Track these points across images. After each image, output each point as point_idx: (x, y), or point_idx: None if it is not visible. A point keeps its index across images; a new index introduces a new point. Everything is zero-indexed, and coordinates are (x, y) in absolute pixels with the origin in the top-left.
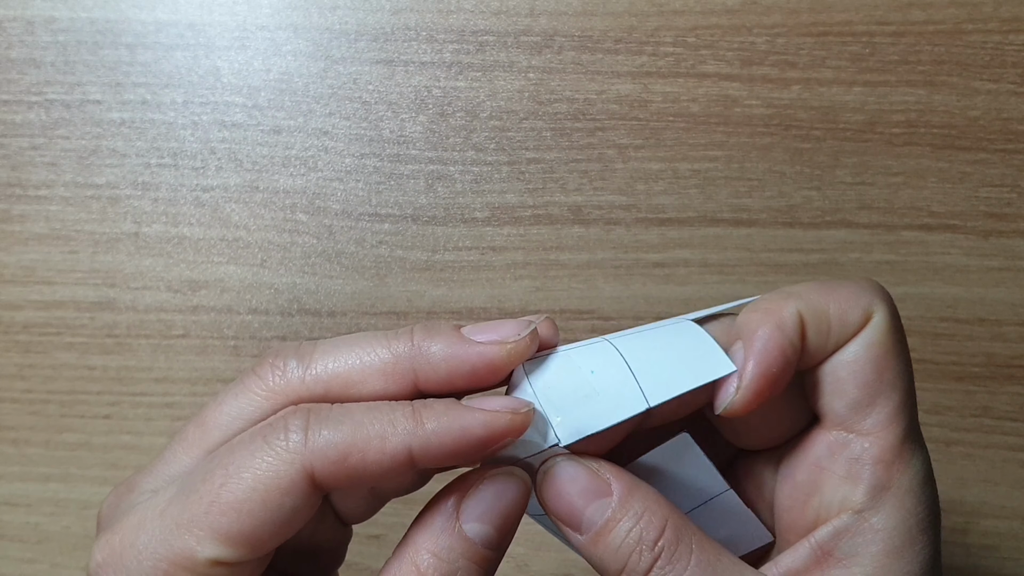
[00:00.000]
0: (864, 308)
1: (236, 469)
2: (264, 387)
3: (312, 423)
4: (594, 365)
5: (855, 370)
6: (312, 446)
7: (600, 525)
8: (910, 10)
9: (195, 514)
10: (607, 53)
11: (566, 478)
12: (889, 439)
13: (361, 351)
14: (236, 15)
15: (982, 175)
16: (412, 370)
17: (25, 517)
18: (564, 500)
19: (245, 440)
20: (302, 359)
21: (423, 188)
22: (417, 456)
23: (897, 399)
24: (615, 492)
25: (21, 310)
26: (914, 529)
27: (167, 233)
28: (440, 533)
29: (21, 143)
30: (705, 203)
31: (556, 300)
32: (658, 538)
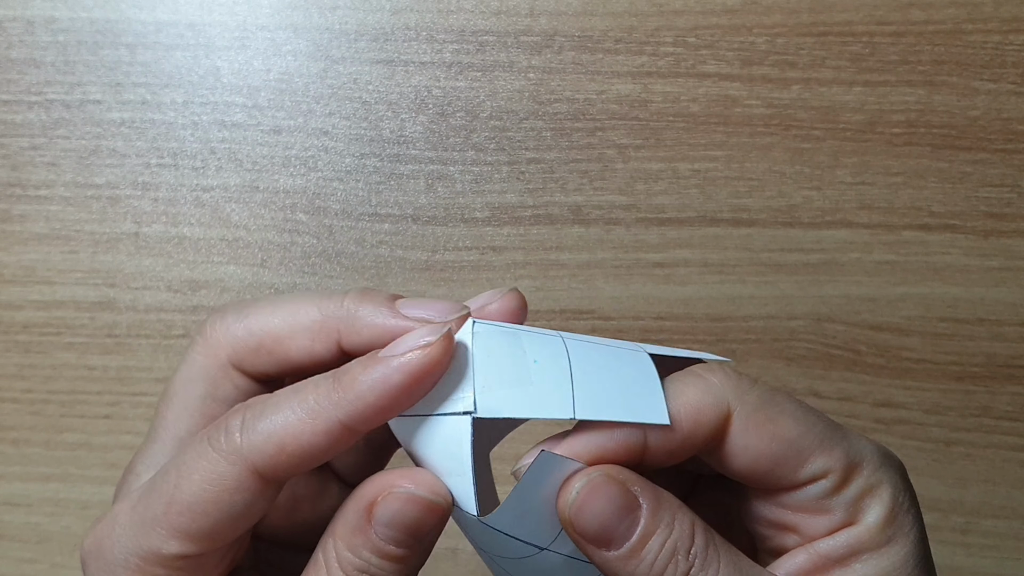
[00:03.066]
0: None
1: (187, 471)
2: (203, 344)
3: (247, 419)
4: (539, 356)
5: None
6: (249, 443)
7: (635, 540)
8: (910, 10)
9: (156, 513)
10: (607, 53)
11: (601, 497)
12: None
13: (295, 308)
14: (236, 15)
15: (982, 175)
16: (337, 330)
17: (25, 517)
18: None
19: (195, 441)
20: (240, 313)
21: (423, 188)
22: (351, 425)
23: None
24: (644, 504)
25: (21, 310)
26: (900, 512)
27: (167, 233)
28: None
29: (21, 143)
30: (705, 203)
31: (556, 300)
32: (691, 545)
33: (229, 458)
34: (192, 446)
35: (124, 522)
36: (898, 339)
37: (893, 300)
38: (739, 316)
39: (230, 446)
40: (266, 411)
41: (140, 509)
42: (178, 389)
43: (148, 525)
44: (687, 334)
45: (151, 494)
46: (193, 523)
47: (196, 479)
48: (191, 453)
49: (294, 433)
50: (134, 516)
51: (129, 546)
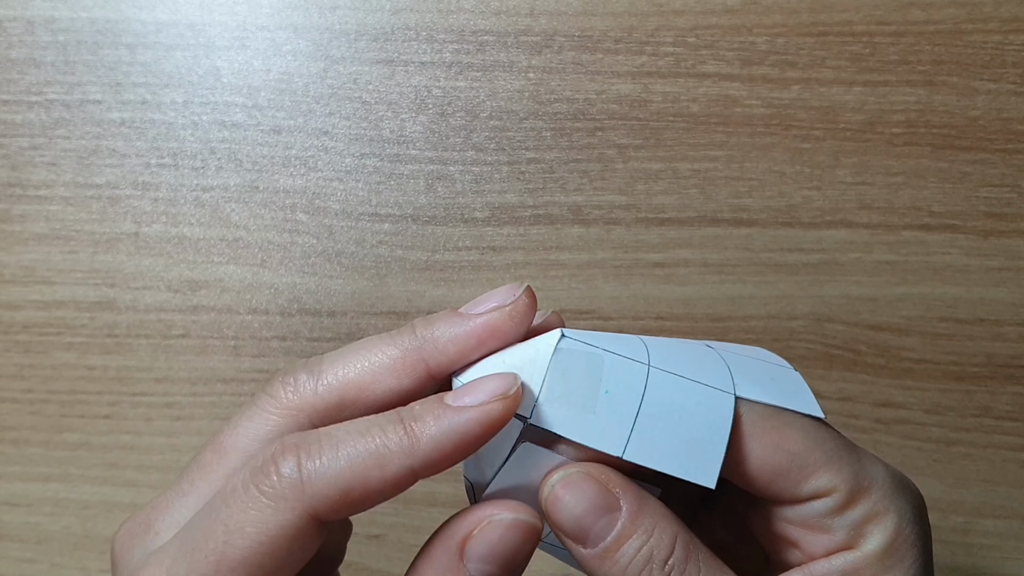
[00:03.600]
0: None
1: (237, 524)
2: (278, 404)
3: (304, 462)
4: (613, 387)
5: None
6: (311, 489)
7: (610, 541)
8: (910, 10)
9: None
10: (607, 53)
11: (576, 492)
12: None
13: (369, 353)
14: (236, 15)
15: (982, 175)
16: (422, 360)
17: (25, 517)
18: (572, 514)
19: (239, 489)
20: (312, 371)
21: (423, 188)
22: (420, 473)
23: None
24: (624, 507)
25: (21, 310)
26: (904, 544)
27: (167, 233)
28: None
29: (21, 143)
30: (705, 203)
31: (556, 300)
32: (668, 556)
33: (287, 504)
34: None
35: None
36: (898, 339)
37: (893, 300)
38: (739, 316)
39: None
40: (326, 452)
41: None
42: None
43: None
44: (687, 334)
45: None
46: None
47: (250, 531)
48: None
49: (361, 478)
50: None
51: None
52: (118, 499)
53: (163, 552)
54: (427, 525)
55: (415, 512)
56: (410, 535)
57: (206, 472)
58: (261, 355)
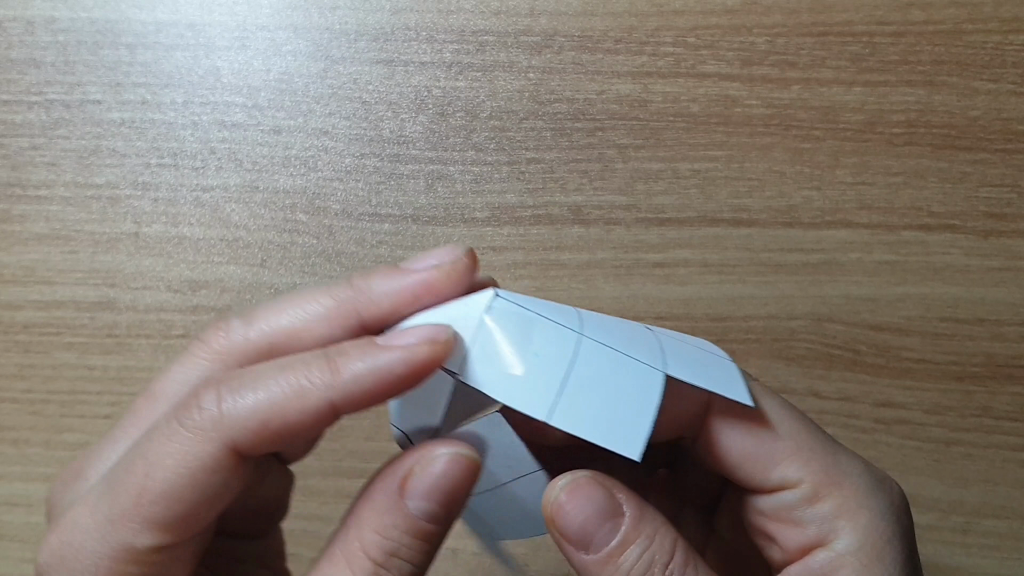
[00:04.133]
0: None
1: (157, 456)
2: (208, 350)
3: (224, 394)
4: (543, 351)
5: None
6: (229, 419)
7: (613, 547)
8: (910, 10)
9: (125, 507)
10: (607, 53)
11: (582, 498)
12: (814, 476)
13: (303, 302)
14: (236, 15)
15: (982, 175)
16: (355, 311)
17: (25, 517)
18: (577, 520)
19: (161, 424)
20: (244, 318)
21: (423, 188)
22: (340, 407)
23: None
24: (627, 513)
25: (21, 310)
26: (880, 541)
27: (167, 233)
28: (384, 512)
29: (21, 143)
30: (705, 203)
31: (556, 300)
32: (668, 561)
33: (206, 435)
34: (159, 430)
35: (86, 525)
36: (898, 339)
37: (893, 300)
38: (739, 316)
39: (207, 423)
40: (246, 385)
41: (104, 507)
42: (168, 389)
43: (117, 521)
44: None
45: (114, 489)
46: (168, 510)
47: (169, 463)
48: (159, 438)
49: (280, 410)
50: (97, 516)
51: (96, 548)
52: None
53: (89, 492)
54: None
55: None
56: None
57: (136, 418)
58: None
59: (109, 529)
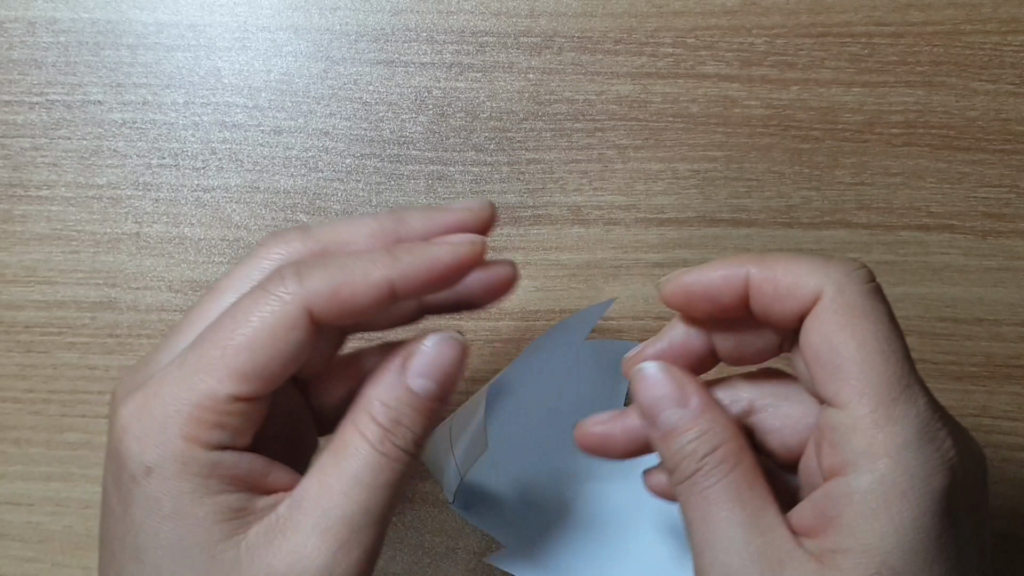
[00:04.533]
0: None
1: (244, 315)
2: (268, 253)
3: (303, 269)
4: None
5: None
6: (307, 286)
7: (669, 428)
8: (909, 11)
9: (211, 359)
10: (607, 54)
11: (651, 380)
12: (861, 408)
13: (353, 224)
14: (237, 16)
15: (980, 175)
16: (395, 233)
17: (27, 516)
18: (646, 396)
19: (247, 294)
20: (301, 230)
21: (423, 188)
22: (397, 285)
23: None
24: (692, 406)
25: (22, 310)
26: (889, 493)
27: (168, 233)
28: (389, 386)
29: (22, 143)
30: (705, 203)
31: (556, 300)
32: (707, 454)
33: (285, 297)
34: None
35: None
36: None
37: (892, 300)
38: None
39: (288, 287)
40: (321, 264)
41: (191, 360)
42: (233, 283)
43: (202, 371)
44: None
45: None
46: (249, 361)
47: (254, 320)
48: (245, 302)
49: (348, 282)
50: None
51: (182, 396)
52: None
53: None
54: (426, 525)
55: (414, 512)
56: (411, 534)
57: (203, 310)
58: None
59: (195, 378)
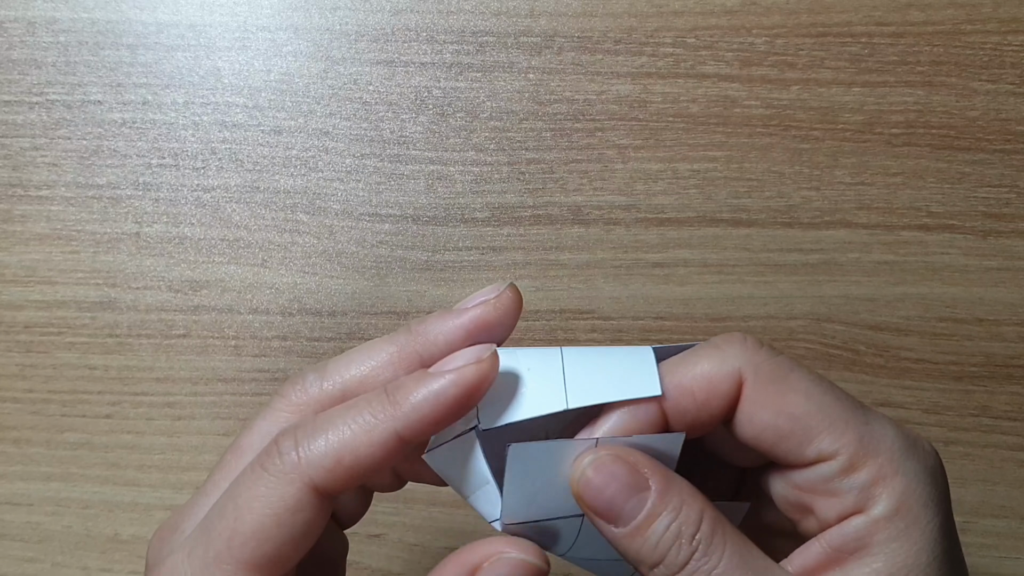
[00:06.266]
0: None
1: (245, 500)
2: (288, 403)
3: (300, 438)
4: (533, 364)
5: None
6: (306, 460)
7: (640, 520)
8: (909, 11)
9: (219, 550)
10: (607, 54)
11: (606, 474)
12: (849, 447)
13: (370, 352)
14: (237, 16)
15: (981, 175)
16: (417, 354)
17: (26, 516)
18: (603, 495)
19: (246, 471)
20: (319, 372)
21: (423, 188)
22: (405, 436)
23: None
24: (653, 487)
25: (22, 310)
26: (916, 505)
27: (168, 233)
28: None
29: (22, 143)
30: (705, 203)
31: (556, 300)
32: (695, 532)
33: (287, 477)
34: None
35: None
36: (897, 339)
37: (892, 300)
38: (739, 316)
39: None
40: (319, 428)
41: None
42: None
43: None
44: (687, 334)
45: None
46: (258, 550)
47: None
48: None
49: (351, 446)
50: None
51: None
52: (119, 498)
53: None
54: (427, 524)
55: (415, 512)
56: (410, 534)
57: (226, 471)
58: (262, 355)
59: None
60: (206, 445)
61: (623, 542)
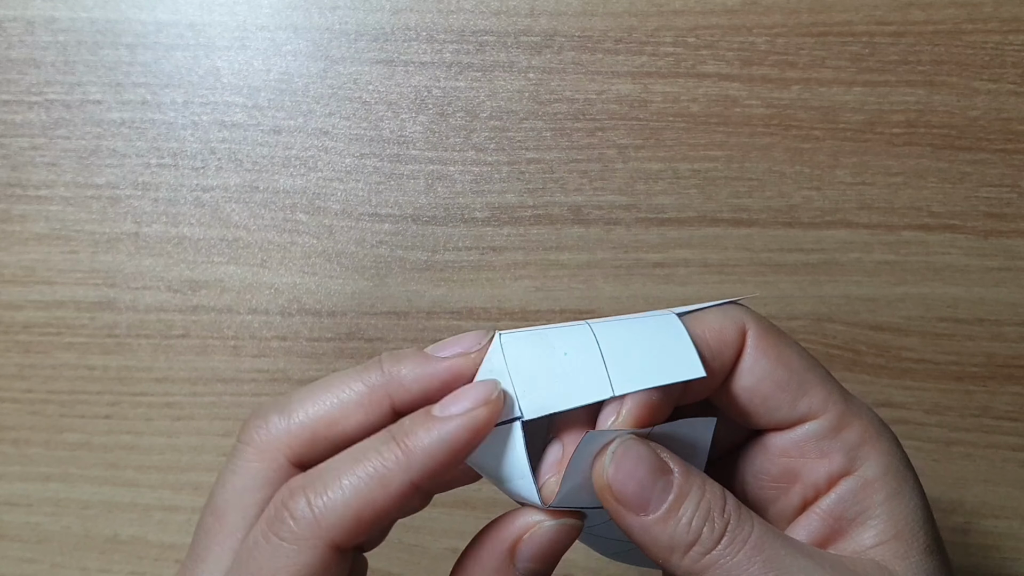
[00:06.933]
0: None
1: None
2: (255, 450)
3: (313, 500)
4: (568, 347)
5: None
6: (324, 521)
7: (671, 501)
8: (910, 10)
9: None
10: (607, 53)
11: (634, 461)
12: (837, 406)
13: (337, 390)
14: (236, 15)
15: (982, 175)
16: (387, 396)
17: (25, 517)
18: (633, 482)
19: (259, 542)
20: (282, 411)
21: (423, 188)
22: (420, 484)
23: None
24: (675, 470)
25: (21, 310)
26: (901, 466)
27: (167, 233)
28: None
29: (21, 143)
30: (705, 203)
31: (556, 300)
32: (723, 507)
33: (308, 543)
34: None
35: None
36: (898, 339)
37: (893, 300)
38: None
39: (305, 530)
40: (329, 485)
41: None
42: (231, 500)
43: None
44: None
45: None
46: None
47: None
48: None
49: (368, 500)
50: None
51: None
52: (118, 499)
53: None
54: (427, 525)
55: None
56: (410, 534)
57: (212, 536)
58: (261, 355)
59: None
60: (205, 445)
61: (654, 530)
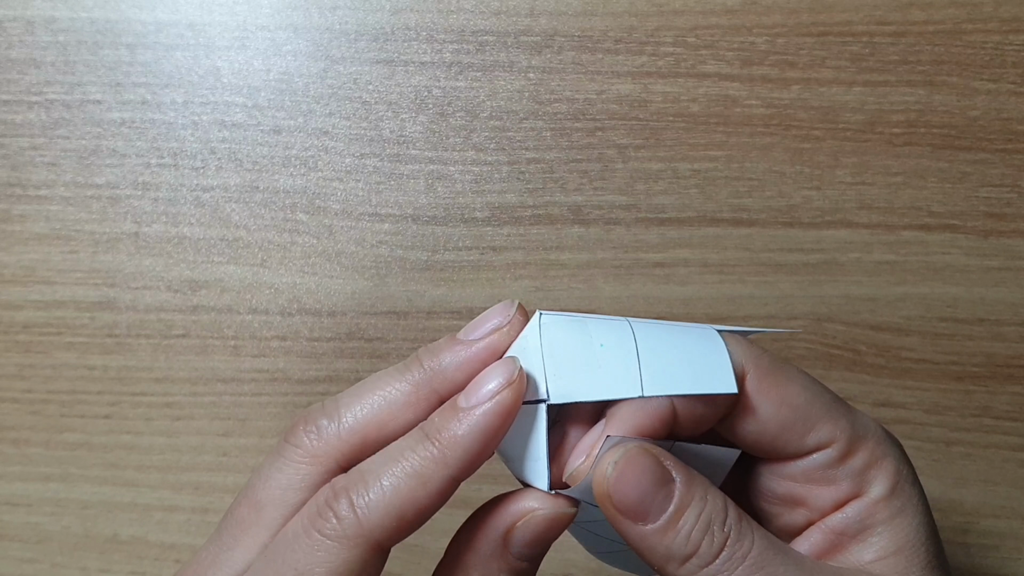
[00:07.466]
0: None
1: (307, 566)
2: (304, 453)
3: (356, 500)
4: (605, 339)
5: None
6: (368, 522)
7: (671, 512)
8: (910, 10)
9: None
10: (607, 53)
11: (636, 470)
12: (845, 433)
13: (382, 391)
14: (236, 15)
15: (982, 175)
16: (434, 391)
17: (25, 517)
18: (635, 492)
19: (300, 535)
20: (331, 416)
21: (423, 188)
22: (459, 477)
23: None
24: (677, 478)
25: (21, 310)
26: (906, 484)
27: (167, 233)
28: (489, 557)
29: (21, 143)
30: (705, 203)
31: (556, 300)
32: (724, 519)
33: (351, 541)
34: (299, 543)
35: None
36: (898, 339)
37: (893, 300)
38: (739, 316)
39: (349, 529)
40: (370, 486)
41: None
42: (274, 496)
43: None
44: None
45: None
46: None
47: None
48: (303, 550)
49: (411, 500)
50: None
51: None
52: (118, 499)
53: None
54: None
55: None
56: None
57: (247, 526)
58: (261, 355)
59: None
60: (205, 445)
61: (652, 539)
